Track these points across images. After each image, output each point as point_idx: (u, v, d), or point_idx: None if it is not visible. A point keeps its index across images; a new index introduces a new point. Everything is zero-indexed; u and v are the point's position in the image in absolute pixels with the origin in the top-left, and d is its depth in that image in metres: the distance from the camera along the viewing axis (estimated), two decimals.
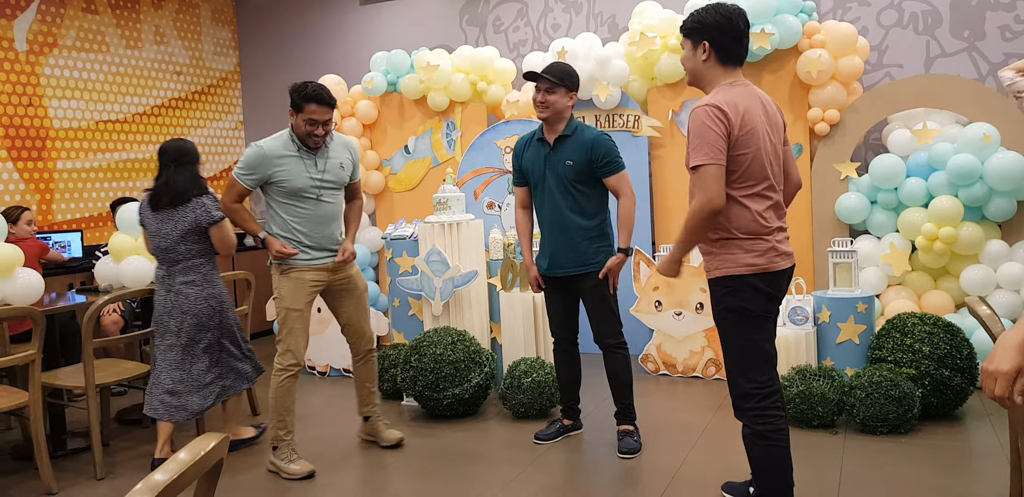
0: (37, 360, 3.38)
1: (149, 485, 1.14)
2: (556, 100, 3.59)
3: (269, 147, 3.49)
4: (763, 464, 2.65)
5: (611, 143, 3.63)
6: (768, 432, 2.62)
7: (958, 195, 4.61)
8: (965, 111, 4.84)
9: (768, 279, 2.63)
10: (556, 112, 3.61)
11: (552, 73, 3.59)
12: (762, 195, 2.62)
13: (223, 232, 3.66)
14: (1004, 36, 5.13)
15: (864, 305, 4.20)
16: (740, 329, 2.65)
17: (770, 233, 2.64)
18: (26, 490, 3.51)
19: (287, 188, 3.50)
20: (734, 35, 2.65)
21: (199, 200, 3.62)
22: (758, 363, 2.65)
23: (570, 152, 3.59)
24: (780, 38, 4.98)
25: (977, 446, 3.59)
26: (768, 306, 2.66)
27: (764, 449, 2.63)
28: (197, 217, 3.60)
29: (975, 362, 3.91)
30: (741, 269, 2.61)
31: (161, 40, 6.98)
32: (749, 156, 2.58)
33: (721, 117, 2.52)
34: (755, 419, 2.63)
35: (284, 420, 3.58)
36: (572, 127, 3.64)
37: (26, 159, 5.84)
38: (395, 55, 6.16)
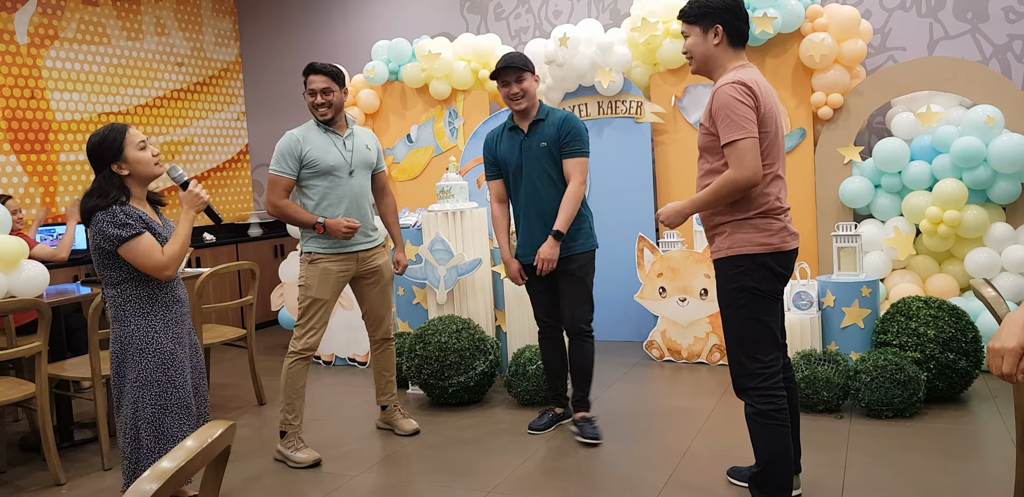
0: (43, 352, 3.40)
1: (156, 473, 1.14)
2: (529, 86, 3.62)
3: (297, 132, 3.61)
4: (765, 442, 2.67)
5: (580, 125, 3.63)
6: (771, 411, 2.63)
7: (962, 178, 4.59)
8: (969, 94, 4.82)
9: (779, 258, 2.65)
10: (531, 97, 3.64)
11: (515, 62, 3.60)
12: (777, 175, 2.66)
13: (132, 253, 2.74)
14: (1008, 17, 5.09)
15: (869, 289, 4.19)
16: (748, 309, 2.65)
17: (783, 213, 2.67)
18: (34, 481, 3.53)
19: (319, 167, 3.54)
20: (743, 15, 2.68)
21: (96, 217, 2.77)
22: (764, 343, 2.65)
23: (544, 134, 3.61)
24: (782, 22, 4.95)
25: (982, 429, 3.59)
26: (777, 286, 2.68)
27: (767, 427, 2.65)
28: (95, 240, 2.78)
29: (980, 345, 3.91)
30: (756, 248, 2.61)
31: (162, 31, 6.96)
32: (769, 135, 2.61)
33: (748, 93, 2.55)
34: (759, 398, 2.65)
35: (293, 404, 3.59)
36: (544, 111, 3.67)
37: (29, 152, 5.84)
38: (396, 43, 6.14)
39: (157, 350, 2.81)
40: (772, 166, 2.63)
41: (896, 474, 3.13)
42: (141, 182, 2.85)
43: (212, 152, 7.42)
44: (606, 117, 5.61)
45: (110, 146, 2.77)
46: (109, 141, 2.77)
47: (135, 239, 2.71)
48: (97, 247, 2.75)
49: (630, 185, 5.56)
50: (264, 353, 5.90)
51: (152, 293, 2.84)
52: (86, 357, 3.76)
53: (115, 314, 2.82)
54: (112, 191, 2.77)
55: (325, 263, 3.58)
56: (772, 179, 2.64)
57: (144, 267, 2.74)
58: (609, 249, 5.59)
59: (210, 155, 7.40)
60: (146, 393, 2.79)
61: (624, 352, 5.32)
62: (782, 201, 2.68)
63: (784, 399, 2.67)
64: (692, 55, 2.75)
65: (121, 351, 2.80)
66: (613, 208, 5.58)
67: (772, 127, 2.62)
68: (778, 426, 2.64)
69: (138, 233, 2.72)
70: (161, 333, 2.83)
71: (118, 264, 2.77)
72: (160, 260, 2.75)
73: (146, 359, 2.79)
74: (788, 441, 2.67)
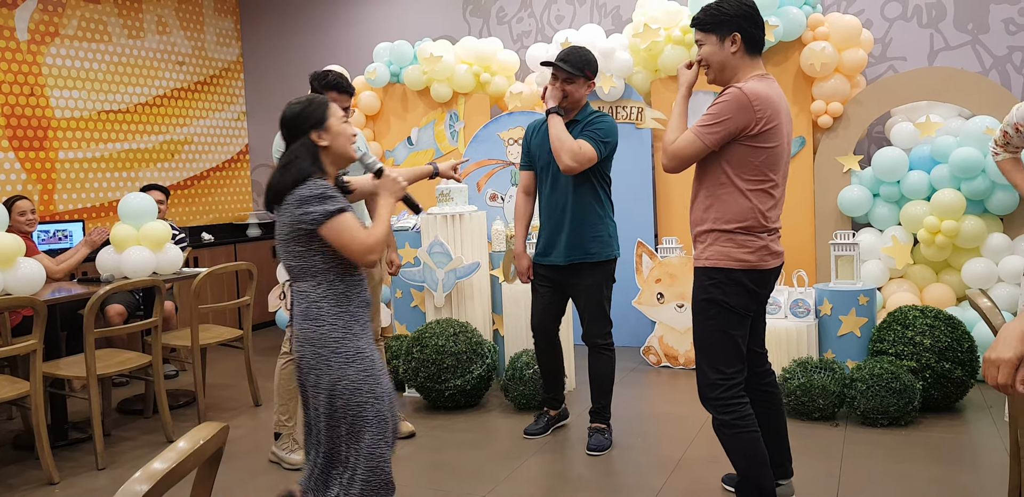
0: (38, 350, 3.39)
1: (147, 474, 1.14)
2: (574, 90, 3.47)
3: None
4: (735, 451, 2.65)
5: (608, 123, 3.50)
6: (734, 420, 2.62)
7: (960, 188, 4.60)
8: (968, 104, 4.83)
9: (755, 277, 2.61)
10: (573, 101, 3.51)
11: (570, 62, 3.43)
12: (768, 192, 2.59)
13: (336, 231, 2.36)
14: (1008, 29, 5.11)
15: (866, 298, 4.19)
16: (717, 321, 2.63)
17: (766, 231, 2.62)
18: (27, 480, 3.52)
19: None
20: (760, 22, 2.62)
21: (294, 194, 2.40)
22: (727, 356, 2.63)
23: (573, 135, 3.47)
24: (784, 30, 4.96)
25: (977, 439, 3.59)
26: (749, 304, 2.64)
27: (734, 437, 2.63)
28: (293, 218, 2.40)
29: (976, 355, 3.91)
30: (732, 263, 2.58)
31: (163, 30, 6.96)
32: (768, 152, 2.55)
33: (748, 108, 2.49)
34: (720, 409, 2.63)
35: (286, 404, 3.60)
36: (585, 113, 3.55)
37: (28, 149, 5.84)
38: (398, 46, 6.15)
39: (359, 355, 2.40)
40: (763, 183, 2.57)
41: (890, 482, 3.13)
42: (335, 161, 2.51)
43: (212, 152, 7.42)
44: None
45: (314, 112, 2.49)
46: (314, 107, 2.50)
47: (341, 215, 2.34)
48: (293, 230, 2.37)
49: (630, 191, 5.56)
50: (261, 354, 5.89)
51: (349, 290, 2.45)
52: (81, 356, 3.75)
53: (307, 312, 2.40)
54: (309, 162, 2.42)
55: None
56: (760, 195, 2.58)
57: (348, 248, 2.34)
58: None
59: (209, 155, 7.39)
60: (352, 401, 2.38)
61: (621, 357, 5.30)
62: (769, 220, 2.61)
63: (747, 406, 2.65)
64: (709, 64, 2.67)
65: (315, 354, 2.39)
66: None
67: (775, 143, 2.55)
68: (745, 433, 2.62)
69: (343, 208, 2.36)
70: (361, 337, 2.44)
71: (315, 250, 2.39)
72: (366, 241, 2.35)
73: (350, 365, 2.38)
74: (758, 446, 2.64)
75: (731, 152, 2.56)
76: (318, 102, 2.51)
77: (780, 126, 2.56)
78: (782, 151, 2.60)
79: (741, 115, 2.49)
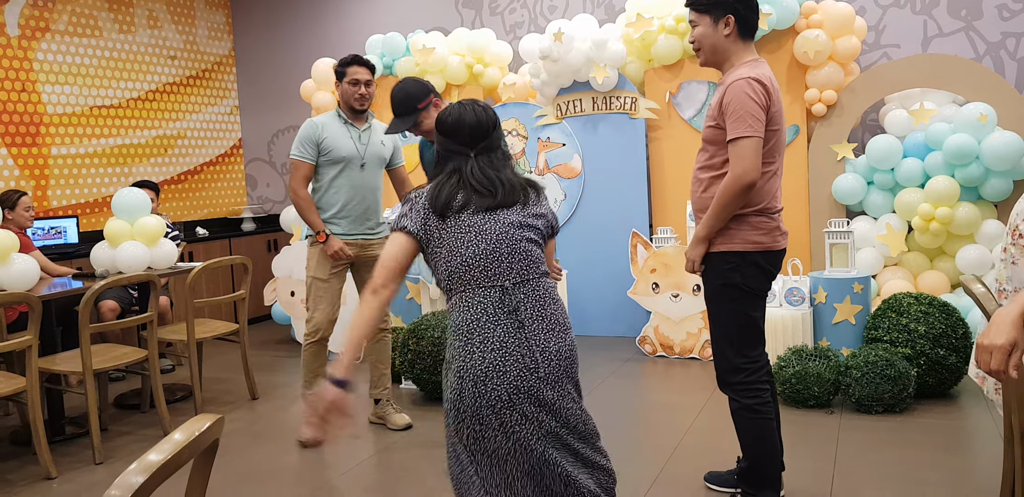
0: (34, 345, 3.38)
1: (143, 466, 1.14)
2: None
3: (318, 119, 3.78)
4: (752, 437, 2.68)
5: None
6: (756, 405, 2.64)
7: (954, 175, 4.60)
8: (962, 91, 4.83)
9: (769, 257, 2.65)
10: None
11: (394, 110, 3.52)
12: (776, 174, 2.66)
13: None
14: (1002, 15, 5.10)
15: (860, 285, 4.20)
16: (737, 305, 2.65)
17: (777, 212, 2.68)
18: (25, 475, 3.52)
19: (333, 156, 3.72)
20: (755, 6, 2.64)
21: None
22: (750, 339, 2.66)
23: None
24: (777, 18, 4.95)
25: (971, 425, 3.61)
26: (766, 284, 2.69)
27: (752, 422, 2.65)
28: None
29: (970, 341, 3.92)
30: (749, 246, 2.61)
31: (155, 24, 6.93)
32: (776, 134, 2.60)
33: (762, 91, 2.52)
34: (744, 393, 2.65)
35: (308, 382, 3.78)
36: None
37: (20, 145, 5.81)
38: (390, 38, 6.13)
39: None
40: (773, 164, 2.62)
41: (885, 468, 3.14)
42: None
43: (205, 146, 7.40)
44: (600, 113, 5.61)
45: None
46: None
47: None
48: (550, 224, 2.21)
49: (624, 181, 5.56)
50: (256, 348, 5.89)
51: None
52: (77, 351, 3.75)
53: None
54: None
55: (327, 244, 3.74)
56: (771, 177, 2.63)
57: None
58: (602, 244, 5.60)
59: (203, 149, 7.37)
60: None
61: (617, 347, 5.33)
62: (778, 200, 2.68)
63: (768, 393, 2.69)
64: (700, 46, 2.67)
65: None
66: (607, 204, 5.58)
67: (779, 125, 2.61)
68: (764, 420, 2.65)
69: None
70: None
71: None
72: None
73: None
74: (774, 435, 2.69)
75: None
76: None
77: (780, 109, 2.62)
78: (783, 134, 2.66)
79: (758, 97, 2.50)
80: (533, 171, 5.82)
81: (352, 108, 3.77)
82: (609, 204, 5.58)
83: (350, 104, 3.76)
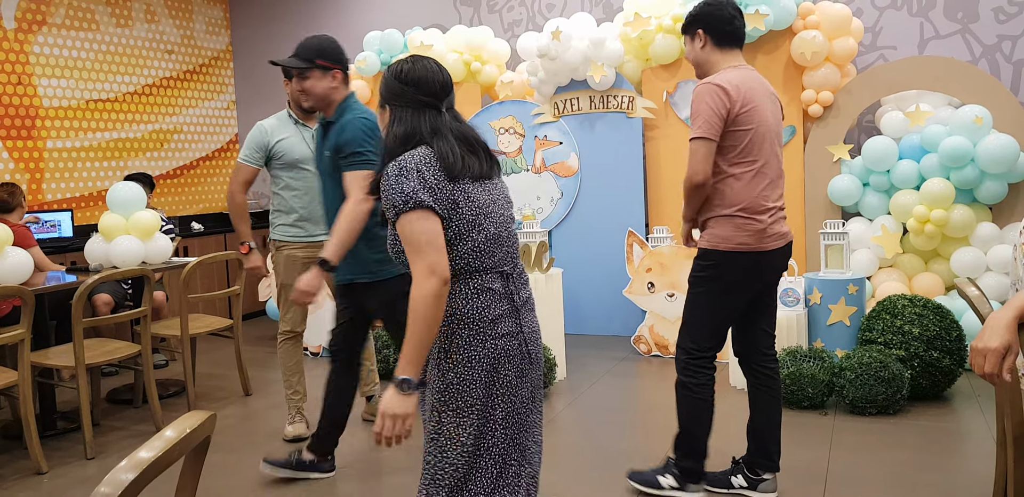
0: (26, 339, 3.37)
1: (133, 463, 1.13)
2: (312, 86, 3.01)
3: (267, 123, 3.69)
4: (684, 411, 2.86)
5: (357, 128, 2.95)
6: (691, 384, 2.81)
7: (950, 178, 4.61)
8: (958, 93, 4.83)
9: (756, 258, 2.71)
10: (320, 98, 3.04)
11: (296, 55, 3.03)
12: (760, 172, 2.70)
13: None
14: (998, 18, 5.11)
15: (855, 287, 4.21)
16: (704, 299, 2.79)
17: (766, 212, 2.71)
18: (16, 470, 3.51)
19: (286, 160, 3.65)
20: (724, 18, 2.77)
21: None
22: (704, 332, 2.81)
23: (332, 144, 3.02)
24: (774, 19, 4.95)
25: (965, 427, 3.61)
26: (746, 285, 2.77)
27: (686, 398, 2.84)
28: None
29: (964, 344, 3.93)
30: (731, 246, 2.70)
31: (152, 18, 6.90)
32: (750, 133, 2.67)
33: (721, 94, 2.63)
34: (684, 370, 2.83)
35: (288, 380, 3.79)
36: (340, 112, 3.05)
37: (15, 138, 5.79)
38: (388, 35, 6.11)
39: None
40: (753, 163, 2.69)
41: (879, 470, 3.15)
42: None
43: (201, 141, 7.37)
44: (597, 112, 5.60)
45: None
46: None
47: None
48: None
49: (621, 180, 5.56)
50: (251, 343, 5.88)
51: None
52: (69, 345, 3.73)
53: None
54: None
55: (289, 250, 3.71)
56: (752, 177, 2.69)
57: None
58: (598, 243, 5.60)
59: (199, 144, 7.35)
60: None
61: (612, 347, 5.33)
62: (768, 199, 2.72)
63: (708, 377, 2.82)
64: (691, 63, 2.91)
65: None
66: (603, 202, 5.58)
67: (755, 124, 2.67)
68: (695, 399, 2.82)
69: None
70: None
71: None
72: None
73: None
74: (705, 413, 2.84)
75: (720, 141, 2.68)
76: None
77: (757, 109, 2.69)
78: (765, 132, 2.71)
79: (714, 100, 2.63)
80: (530, 169, 5.82)
81: (301, 107, 3.67)
82: (605, 203, 5.57)
83: (298, 102, 3.64)
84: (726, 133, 2.66)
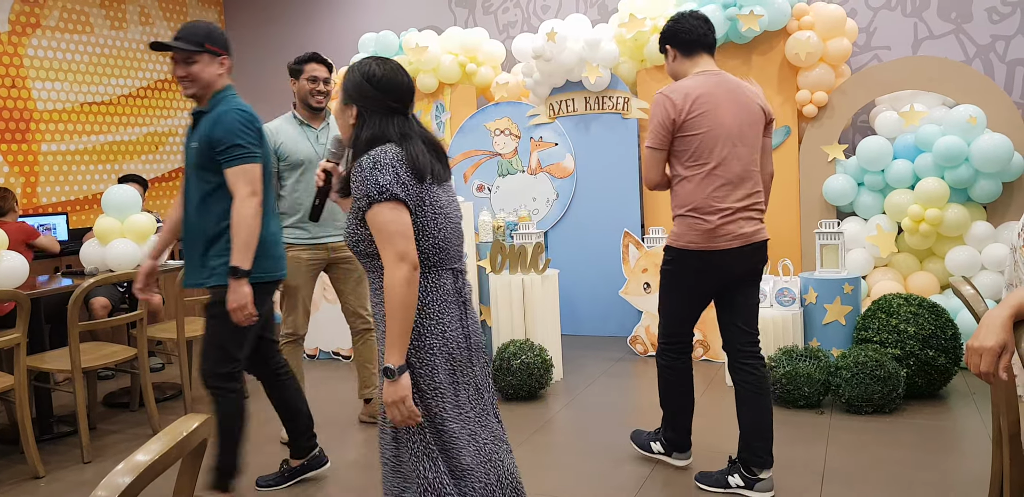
0: (22, 343, 3.37)
1: (130, 466, 1.14)
2: (200, 71, 2.81)
3: (272, 124, 3.67)
4: (661, 385, 3.13)
5: (233, 118, 2.76)
6: (663, 365, 3.09)
7: (944, 177, 4.62)
8: (952, 93, 4.85)
9: (708, 257, 2.84)
10: (204, 85, 2.83)
11: (182, 38, 2.79)
12: (713, 174, 2.80)
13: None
14: (991, 18, 5.12)
15: (850, 286, 4.21)
16: (667, 290, 3.02)
17: (717, 212, 2.80)
18: (12, 474, 3.50)
19: (291, 161, 3.64)
20: (685, 28, 2.93)
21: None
22: (674, 321, 3.03)
23: (202, 135, 2.81)
24: (769, 20, 4.96)
25: (960, 425, 3.62)
26: (699, 282, 2.92)
27: (662, 375, 3.12)
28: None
29: (959, 342, 3.94)
30: (682, 244, 2.87)
31: (146, 21, 6.90)
32: (700, 137, 2.80)
33: (666, 104, 2.82)
34: (659, 354, 3.11)
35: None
36: (215, 102, 2.85)
37: (10, 141, 5.78)
38: (383, 36, 6.12)
39: None
40: (703, 166, 2.81)
41: (875, 469, 3.15)
42: None
43: None
44: (593, 113, 5.61)
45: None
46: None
47: None
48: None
49: (616, 181, 5.57)
50: None
51: None
52: (66, 349, 3.73)
53: None
54: None
55: (295, 252, 3.67)
56: (703, 178, 2.81)
57: None
58: (594, 244, 5.60)
59: None
60: None
61: (608, 347, 5.33)
62: (722, 200, 2.80)
63: (679, 362, 3.05)
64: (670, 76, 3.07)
65: None
66: (599, 203, 5.59)
67: (704, 129, 2.79)
68: (663, 379, 3.10)
69: None
70: None
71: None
72: None
73: None
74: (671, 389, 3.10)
75: (673, 146, 2.86)
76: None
77: (709, 113, 2.80)
78: (719, 134, 2.80)
79: (660, 110, 2.83)
80: (526, 170, 5.83)
81: (309, 106, 3.67)
82: (601, 204, 5.58)
83: (307, 102, 3.66)
84: (677, 138, 2.83)
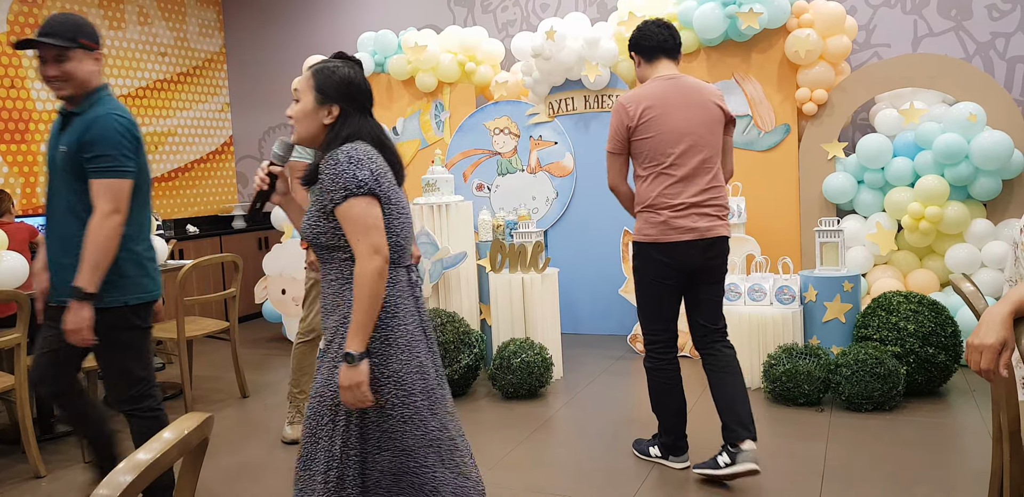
0: (23, 343, 3.37)
1: (131, 464, 1.14)
2: (75, 68, 2.60)
3: None
4: (650, 389, 3.23)
5: (107, 125, 2.51)
6: (649, 368, 3.19)
7: (944, 174, 4.62)
8: (952, 91, 4.85)
9: (664, 249, 3.01)
10: (80, 83, 2.63)
11: (55, 33, 2.53)
12: (664, 173, 3.01)
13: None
14: (991, 15, 5.12)
15: (850, 284, 4.21)
16: (639, 285, 3.15)
17: (671, 207, 2.99)
18: (14, 474, 3.50)
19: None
20: (645, 35, 3.11)
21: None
22: (647, 315, 3.16)
23: (72, 142, 2.54)
24: (768, 17, 4.96)
25: (960, 422, 3.62)
26: (662, 273, 3.05)
27: (649, 379, 3.21)
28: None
29: (959, 340, 3.94)
30: (641, 238, 3.07)
31: (145, 21, 6.90)
32: (651, 140, 3.01)
33: (620, 111, 3.04)
34: (646, 355, 3.21)
35: (297, 379, 3.77)
36: (88, 104, 2.64)
37: (9, 142, 5.78)
38: (382, 35, 6.11)
39: None
40: (656, 166, 3.02)
41: (875, 466, 3.16)
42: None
43: (196, 143, 7.37)
44: (592, 111, 5.61)
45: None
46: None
47: None
48: None
49: None
50: (247, 346, 5.88)
51: None
52: None
53: None
54: None
55: None
56: (655, 178, 3.01)
57: None
58: (594, 242, 5.60)
59: (194, 146, 7.34)
60: None
61: (608, 346, 5.34)
62: (675, 196, 3.00)
63: (665, 362, 3.15)
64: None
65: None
66: (598, 202, 5.59)
67: (654, 132, 2.99)
68: (653, 381, 3.19)
69: None
70: None
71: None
72: None
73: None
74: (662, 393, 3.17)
75: (631, 150, 3.08)
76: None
77: (660, 117, 2.99)
78: (670, 137, 2.99)
79: (616, 118, 3.06)
80: (525, 169, 5.83)
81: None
82: (600, 202, 5.58)
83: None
84: (632, 142, 3.04)
